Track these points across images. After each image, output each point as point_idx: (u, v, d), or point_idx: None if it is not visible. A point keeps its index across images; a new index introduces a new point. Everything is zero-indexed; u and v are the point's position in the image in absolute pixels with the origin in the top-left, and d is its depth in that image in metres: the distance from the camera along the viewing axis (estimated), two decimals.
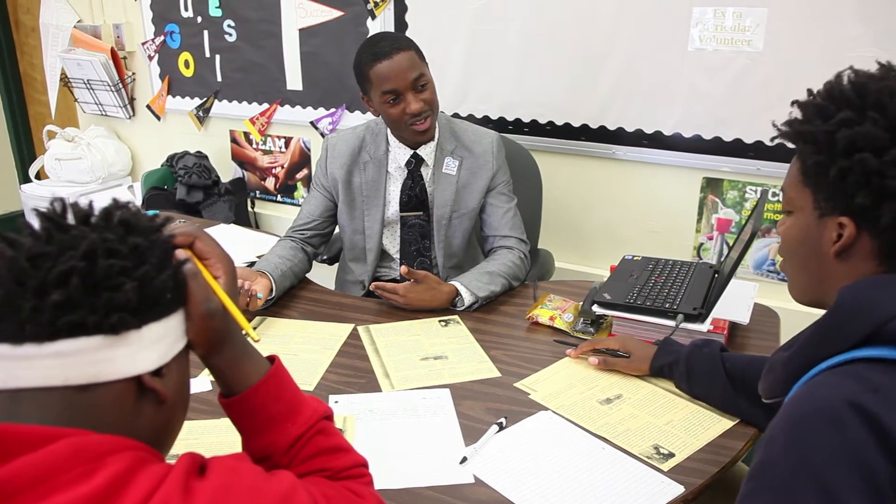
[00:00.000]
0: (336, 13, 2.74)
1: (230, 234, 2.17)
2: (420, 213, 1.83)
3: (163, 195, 3.05)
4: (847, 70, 0.81)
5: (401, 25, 2.60)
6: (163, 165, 3.19)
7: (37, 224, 0.63)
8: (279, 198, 3.23)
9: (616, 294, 1.49)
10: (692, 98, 2.18)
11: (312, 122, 2.94)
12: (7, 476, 0.54)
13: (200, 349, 0.73)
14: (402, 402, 1.28)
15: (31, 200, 3.40)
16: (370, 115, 2.60)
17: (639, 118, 2.29)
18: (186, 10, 3.13)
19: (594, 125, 2.36)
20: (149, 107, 3.43)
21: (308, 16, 2.81)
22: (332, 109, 2.89)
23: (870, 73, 0.80)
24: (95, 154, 3.42)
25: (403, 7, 2.59)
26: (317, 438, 0.79)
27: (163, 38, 3.25)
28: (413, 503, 1.03)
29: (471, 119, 2.51)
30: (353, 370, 1.40)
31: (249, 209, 3.30)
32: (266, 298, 1.62)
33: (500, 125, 2.51)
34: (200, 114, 3.27)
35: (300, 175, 3.13)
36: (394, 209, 1.83)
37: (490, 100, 2.53)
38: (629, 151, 2.34)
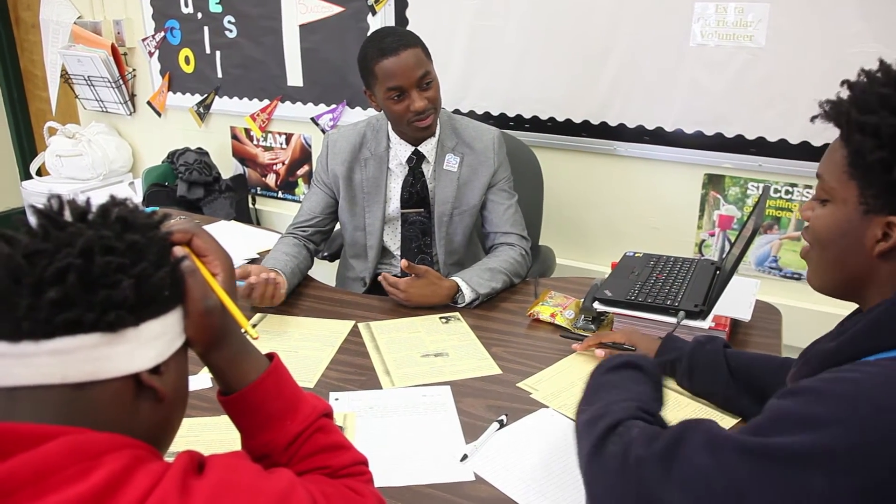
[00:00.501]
0: (336, 9, 2.73)
1: (231, 231, 2.17)
2: (421, 210, 1.82)
3: (163, 192, 3.05)
4: None
5: (401, 21, 2.60)
6: (163, 162, 3.18)
7: (34, 221, 0.62)
8: (280, 194, 3.23)
9: (617, 291, 1.49)
10: (694, 94, 2.17)
11: (313, 119, 2.93)
12: (4, 474, 0.54)
13: (199, 347, 0.73)
14: (403, 400, 1.28)
15: (32, 197, 3.40)
16: (371, 111, 2.60)
17: (640, 114, 2.28)
18: (187, 7, 3.13)
19: (595, 121, 2.36)
20: (149, 103, 3.43)
21: (308, 12, 2.80)
22: (333, 106, 2.88)
23: None
24: (96, 151, 3.42)
25: (404, 3, 2.58)
26: (316, 436, 0.79)
27: (163, 35, 3.25)
28: (413, 501, 1.03)
29: (472, 115, 2.50)
30: (354, 367, 1.40)
31: (250, 206, 3.30)
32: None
33: (501, 121, 2.50)
34: (201, 110, 3.27)
35: (301, 171, 3.13)
36: (395, 206, 1.83)
37: (491, 96, 2.52)
38: (630, 148, 2.33)
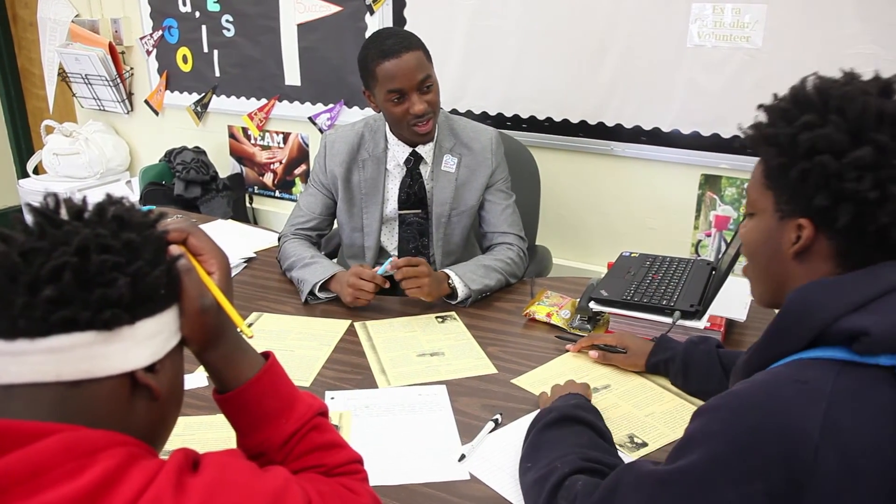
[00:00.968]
0: (334, 8, 2.73)
1: (228, 230, 2.16)
2: (419, 211, 1.82)
3: (161, 190, 3.04)
4: (812, 75, 0.82)
5: (399, 21, 2.60)
6: (161, 161, 3.18)
7: (30, 219, 0.62)
8: (277, 193, 3.23)
9: (613, 291, 1.49)
10: (691, 94, 2.18)
11: (311, 118, 2.93)
12: None
13: (194, 345, 0.73)
14: (399, 399, 1.28)
15: (29, 195, 3.40)
16: (369, 111, 2.60)
17: (637, 114, 2.29)
18: (184, 5, 3.12)
19: (592, 121, 2.36)
20: (147, 102, 3.43)
21: (306, 11, 2.80)
22: (331, 105, 2.88)
23: (834, 79, 0.81)
24: (93, 149, 3.42)
25: (402, 3, 2.58)
26: (311, 435, 0.79)
27: (161, 33, 3.25)
28: (408, 500, 1.03)
29: (469, 115, 2.50)
30: (350, 366, 1.40)
31: (247, 205, 3.30)
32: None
33: (499, 121, 2.50)
34: (199, 109, 3.27)
35: (298, 171, 3.13)
36: (392, 207, 1.83)
37: (488, 96, 2.52)
38: (627, 148, 2.33)
